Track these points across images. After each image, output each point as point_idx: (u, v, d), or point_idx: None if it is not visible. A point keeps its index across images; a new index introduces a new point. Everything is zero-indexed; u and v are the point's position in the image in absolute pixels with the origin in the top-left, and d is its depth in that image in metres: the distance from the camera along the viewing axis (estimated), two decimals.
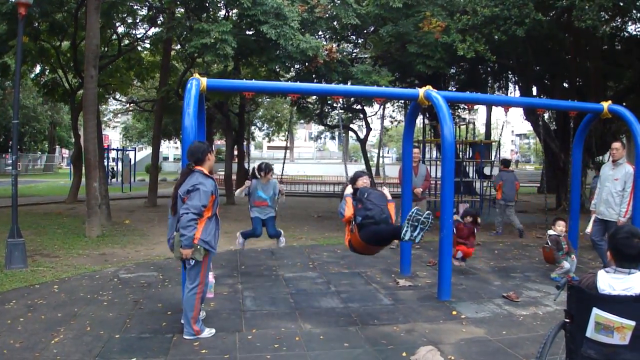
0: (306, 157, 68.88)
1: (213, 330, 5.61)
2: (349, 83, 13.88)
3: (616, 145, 8.31)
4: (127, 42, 19.48)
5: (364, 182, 6.42)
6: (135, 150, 36.15)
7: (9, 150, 40.26)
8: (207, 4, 13.99)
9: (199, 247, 5.28)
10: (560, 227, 8.29)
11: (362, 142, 25.99)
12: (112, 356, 5.01)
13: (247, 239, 8.69)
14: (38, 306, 6.55)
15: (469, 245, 8.65)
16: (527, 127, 46.05)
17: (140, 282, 7.76)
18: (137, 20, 18.54)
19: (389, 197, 6.28)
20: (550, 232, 8.33)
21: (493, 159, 18.50)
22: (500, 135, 12.24)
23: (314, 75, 14.35)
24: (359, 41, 18.73)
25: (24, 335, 5.47)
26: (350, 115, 27.62)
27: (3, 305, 6.54)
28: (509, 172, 13.23)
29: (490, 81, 22.24)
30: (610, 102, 8.90)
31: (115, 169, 34.17)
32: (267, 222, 8.47)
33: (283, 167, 8.82)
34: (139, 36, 20.17)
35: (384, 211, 5.93)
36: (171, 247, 5.51)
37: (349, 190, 6.25)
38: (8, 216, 9.85)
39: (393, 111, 30.56)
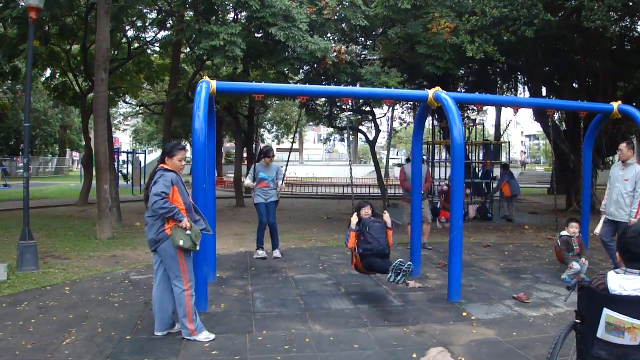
0: (315, 159, 68.88)
1: (212, 336, 5.52)
2: (358, 84, 13.88)
3: (621, 146, 8.24)
4: (136, 45, 19.60)
5: (365, 212, 7.28)
6: (145, 153, 36.23)
7: (21, 153, 40.60)
8: (215, 7, 14.04)
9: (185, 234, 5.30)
10: (574, 228, 8.26)
11: (371, 143, 25.93)
12: (123, 357, 5.04)
13: (262, 245, 9.76)
14: (49, 307, 6.59)
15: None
16: (536, 128, 45.93)
17: (150, 284, 7.74)
18: (147, 24, 18.63)
19: (389, 225, 7.19)
20: (563, 232, 8.30)
21: (503, 160, 18.47)
22: (504, 131, 12.27)
23: (322, 77, 14.36)
24: (368, 43, 18.71)
25: (35, 337, 5.50)
26: (359, 116, 27.56)
27: (15, 307, 6.58)
28: (509, 173, 16.31)
29: (499, 82, 22.17)
30: (620, 102, 8.87)
31: (126, 171, 34.33)
32: (269, 207, 9.52)
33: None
34: (148, 39, 20.29)
35: (381, 243, 6.94)
36: (150, 243, 5.51)
37: (354, 222, 7.14)
38: (20, 218, 9.90)
39: (402, 113, 30.50)
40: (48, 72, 22.05)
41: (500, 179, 16.02)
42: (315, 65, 13.84)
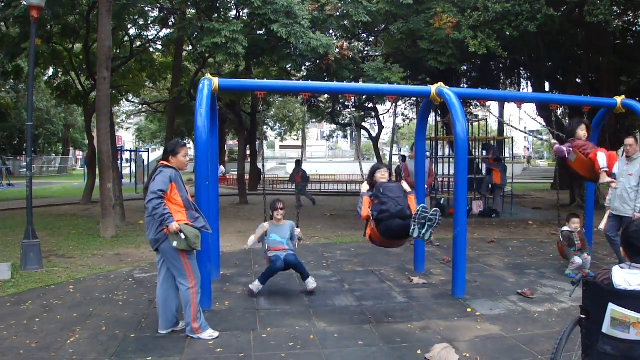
0: (318, 156, 68.84)
1: (216, 334, 5.54)
2: (361, 81, 13.87)
3: (629, 141, 8.20)
4: (139, 43, 19.59)
5: (382, 175, 6.35)
6: (148, 151, 36.31)
7: (24, 152, 40.68)
8: (217, 4, 14.03)
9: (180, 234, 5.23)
10: (575, 224, 8.25)
11: (375, 140, 25.94)
12: (127, 355, 5.04)
13: (265, 282, 7.16)
14: (54, 306, 6.60)
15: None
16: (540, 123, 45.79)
17: (154, 282, 7.74)
18: (149, 22, 18.63)
19: (408, 190, 6.28)
20: (564, 228, 8.28)
21: (507, 155, 18.44)
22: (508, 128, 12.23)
23: (325, 74, 14.35)
24: (370, 39, 18.70)
25: (40, 335, 5.51)
26: (362, 113, 27.55)
27: (19, 306, 6.59)
28: (302, 170, 18.07)
29: (502, 78, 22.14)
30: (623, 96, 8.83)
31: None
32: (287, 259, 7.00)
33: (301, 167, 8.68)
34: (150, 37, 20.28)
35: (399, 203, 5.89)
36: (151, 243, 5.49)
37: (365, 187, 6.31)
38: (23, 218, 9.94)
39: (405, 109, 30.52)
40: (50, 71, 22.06)
41: (489, 166, 16.30)
42: (317, 62, 13.82)
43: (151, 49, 21.19)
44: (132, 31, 19.10)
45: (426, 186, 10.21)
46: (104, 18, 11.90)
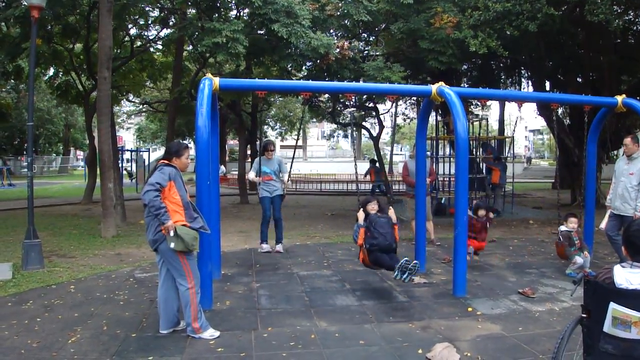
0: (319, 155, 68.85)
1: (217, 333, 5.52)
2: (361, 80, 13.85)
3: (626, 141, 8.21)
4: (139, 43, 19.59)
5: (372, 207, 7.26)
6: (149, 151, 36.30)
7: (25, 152, 40.69)
8: (218, 4, 14.02)
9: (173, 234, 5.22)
10: (572, 223, 8.23)
11: (375, 139, 25.90)
12: (128, 355, 5.04)
13: (266, 239, 10.03)
14: (55, 306, 6.60)
15: (479, 240, 8.80)
16: (540, 122, 45.90)
17: (155, 282, 7.73)
18: (149, 22, 18.63)
19: (394, 220, 7.20)
20: (563, 227, 8.27)
21: (506, 155, 18.43)
22: (513, 131, 12.21)
23: (325, 73, 14.34)
24: (371, 39, 18.67)
25: (41, 335, 5.52)
26: (363, 113, 27.53)
27: (20, 306, 6.60)
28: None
29: (502, 77, 22.11)
30: (624, 95, 8.83)
31: (130, 168, 34.50)
32: (275, 201, 9.77)
33: (291, 166, 9.47)
34: (151, 37, 20.28)
35: (387, 238, 6.89)
36: (150, 244, 5.49)
37: (361, 218, 7.14)
38: (24, 218, 9.94)
39: (406, 108, 30.52)
40: (51, 71, 22.07)
41: (491, 165, 16.48)
42: (318, 62, 13.81)
43: (152, 49, 21.18)
44: (133, 31, 19.11)
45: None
46: (105, 18, 11.91)
